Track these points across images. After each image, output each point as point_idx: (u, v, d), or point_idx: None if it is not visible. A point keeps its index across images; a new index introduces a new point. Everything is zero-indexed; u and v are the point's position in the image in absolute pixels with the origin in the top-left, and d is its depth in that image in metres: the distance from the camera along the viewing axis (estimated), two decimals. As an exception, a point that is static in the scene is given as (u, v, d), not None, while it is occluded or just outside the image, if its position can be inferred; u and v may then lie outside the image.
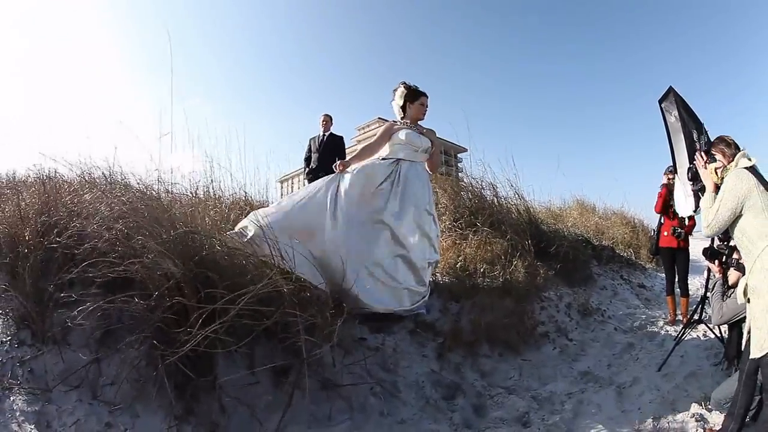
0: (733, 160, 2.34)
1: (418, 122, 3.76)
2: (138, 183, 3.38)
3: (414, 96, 3.70)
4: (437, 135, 3.88)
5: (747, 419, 2.38)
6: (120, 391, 2.09)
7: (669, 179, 4.79)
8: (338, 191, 3.32)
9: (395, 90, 3.75)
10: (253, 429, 2.31)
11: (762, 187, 2.17)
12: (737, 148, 2.37)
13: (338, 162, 3.47)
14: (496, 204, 5.51)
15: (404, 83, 3.72)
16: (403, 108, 3.72)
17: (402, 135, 3.58)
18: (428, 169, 3.82)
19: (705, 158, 2.50)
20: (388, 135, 3.63)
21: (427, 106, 3.77)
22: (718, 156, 2.42)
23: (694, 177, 2.74)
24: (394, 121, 3.77)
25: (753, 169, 2.24)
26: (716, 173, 2.40)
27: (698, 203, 2.67)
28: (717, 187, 2.36)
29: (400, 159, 3.57)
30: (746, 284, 2.25)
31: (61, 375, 2.07)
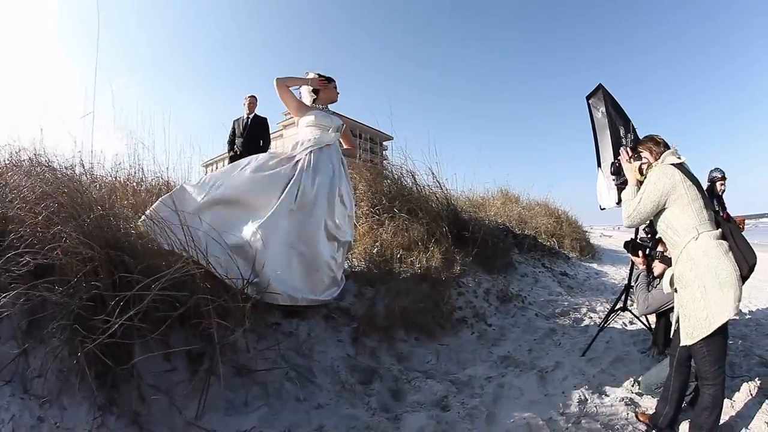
0: (660, 158, 2.47)
1: (329, 105, 4.06)
2: (59, 165, 3.34)
3: (327, 80, 4.00)
4: (364, 124, 4.08)
5: (683, 404, 2.55)
6: (47, 384, 2.11)
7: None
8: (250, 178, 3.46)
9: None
10: (173, 417, 2.37)
11: (689, 182, 2.30)
12: (666, 147, 2.50)
13: None
14: (415, 191, 5.70)
15: (311, 72, 3.98)
16: (316, 92, 3.99)
17: (310, 115, 3.86)
18: (345, 145, 4.11)
19: (630, 154, 2.64)
20: (298, 107, 3.89)
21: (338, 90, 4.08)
22: (645, 153, 2.54)
23: (617, 171, 2.96)
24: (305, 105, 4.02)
25: (680, 166, 2.36)
26: (640, 171, 2.54)
27: (621, 196, 2.77)
28: (640, 183, 2.49)
29: (301, 153, 3.68)
30: (672, 274, 2.41)
31: (-7, 370, 2.09)
